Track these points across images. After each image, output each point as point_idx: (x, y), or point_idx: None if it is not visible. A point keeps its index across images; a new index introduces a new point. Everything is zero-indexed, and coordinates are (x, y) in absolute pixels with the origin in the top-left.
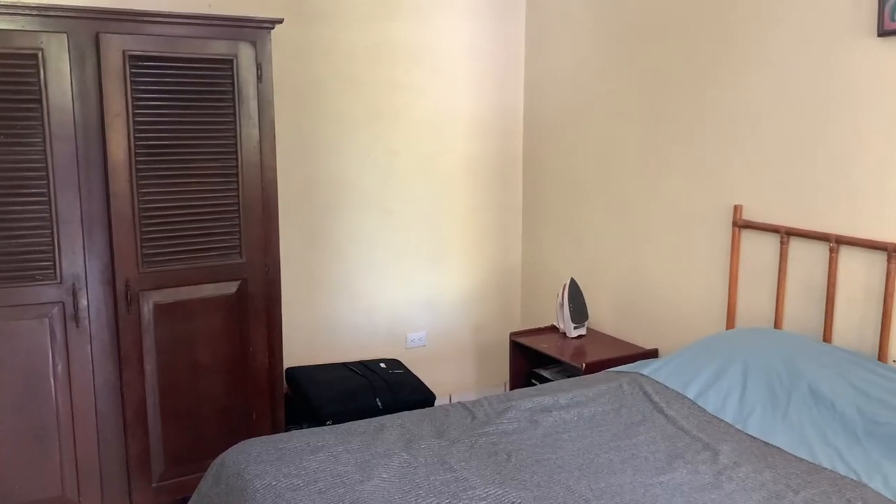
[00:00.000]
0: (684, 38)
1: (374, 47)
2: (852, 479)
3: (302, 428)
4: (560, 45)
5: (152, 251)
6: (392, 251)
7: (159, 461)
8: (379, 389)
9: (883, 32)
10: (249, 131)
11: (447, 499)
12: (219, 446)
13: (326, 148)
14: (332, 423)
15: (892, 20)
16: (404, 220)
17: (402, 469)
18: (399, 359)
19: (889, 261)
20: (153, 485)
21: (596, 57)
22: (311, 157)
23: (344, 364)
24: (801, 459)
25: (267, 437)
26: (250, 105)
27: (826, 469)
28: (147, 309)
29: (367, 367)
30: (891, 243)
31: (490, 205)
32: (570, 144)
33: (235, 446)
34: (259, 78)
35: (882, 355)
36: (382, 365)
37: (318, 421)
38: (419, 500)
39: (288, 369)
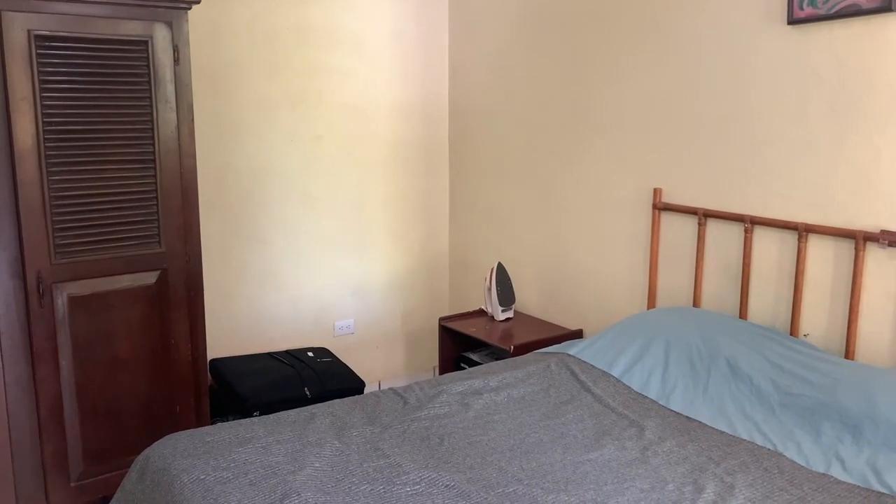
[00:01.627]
0: (604, 25)
1: (295, 30)
2: (769, 449)
3: (228, 420)
4: (483, 31)
5: (65, 241)
6: (317, 238)
7: (78, 460)
8: (307, 378)
9: (792, 20)
10: (167, 116)
11: (381, 485)
12: (142, 442)
13: (248, 133)
14: (260, 415)
15: (801, 9)
16: (329, 207)
17: (335, 457)
18: (327, 347)
19: (800, 240)
20: (72, 484)
21: (518, 43)
22: (231, 143)
23: (270, 354)
24: (722, 432)
25: (193, 430)
26: (167, 88)
27: (745, 440)
28: (61, 302)
29: (295, 356)
30: (801, 223)
31: (416, 190)
32: (495, 130)
33: (160, 441)
34: (176, 60)
35: (794, 330)
36: (310, 354)
37: (245, 412)
38: (352, 488)
39: (212, 361)
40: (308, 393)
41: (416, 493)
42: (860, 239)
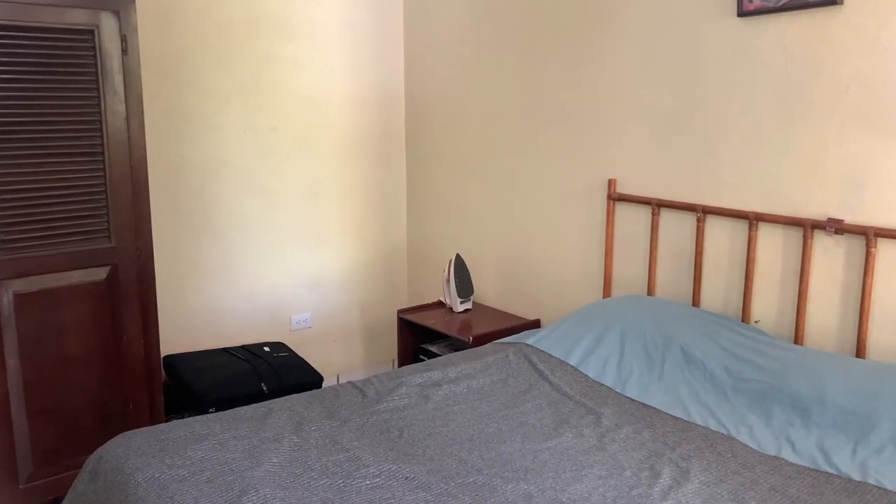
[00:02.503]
0: (559, 16)
1: (247, 19)
2: (722, 434)
3: (183, 417)
4: (439, 20)
5: (9, 237)
6: (272, 231)
7: (27, 461)
8: (264, 373)
9: (742, 13)
10: (115, 107)
11: (340, 479)
12: (94, 441)
13: (199, 125)
14: (216, 411)
15: (751, 1)
16: (284, 199)
17: (293, 452)
18: (284, 341)
19: (750, 228)
20: (21, 486)
21: (474, 33)
22: (183, 135)
23: (225, 349)
24: (677, 418)
25: (147, 428)
26: (115, 79)
27: (699, 426)
28: (6, 300)
29: (251, 351)
30: (752, 212)
31: (373, 182)
32: (453, 121)
33: (113, 440)
34: (124, 50)
35: (745, 317)
36: (266, 348)
37: (201, 409)
38: (311, 482)
39: (166, 357)
40: (265, 388)
41: (376, 485)
42: (808, 227)
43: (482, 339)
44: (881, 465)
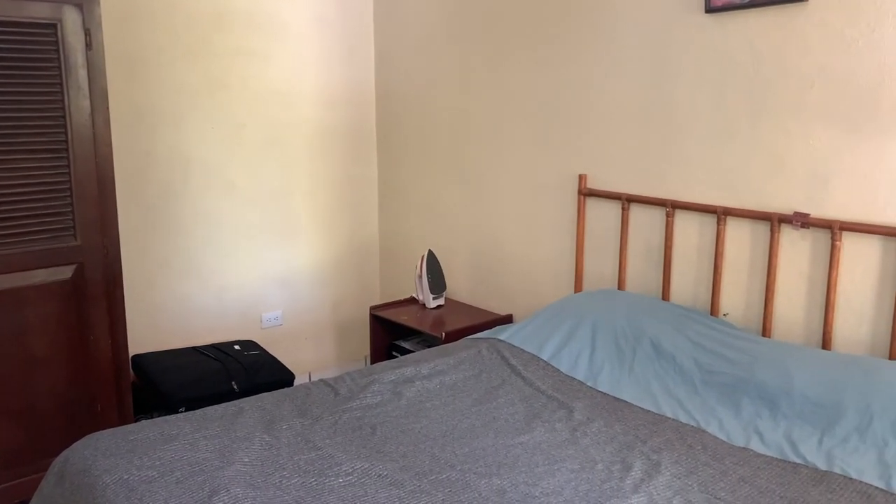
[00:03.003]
0: (529, 13)
1: (214, 14)
2: (692, 426)
3: (152, 417)
4: (409, 16)
5: None
6: (242, 228)
7: None
8: (234, 372)
9: (710, 9)
10: (80, 103)
11: (313, 477)
12: (61, 443)
13: (167, 121)
14: (186, 410)
15: None
16: (254, 196)
17: (265, 451)
18: (254, 340)
19: (719, 223)
20: None
21: (444, 29)
22: (150, 131)
23: (195, 348)
24: (647, 411)
25: (115, 429)
26: (79, 74)
27: (669, 418)
28: None
29: (221, 349)
30: (720, 206)
31: (344, 178)
32: (424, 116)
33: (80, 441)
34: (88, 45)
35: (714, 310)
36: (237, 347)
37: (170, 409)
38: (283, 482)
39: (134, 357)
40: (236, 387)
41: (349, 483)
42: (775, 221)
43: (455, 335)
44: (846, 454)
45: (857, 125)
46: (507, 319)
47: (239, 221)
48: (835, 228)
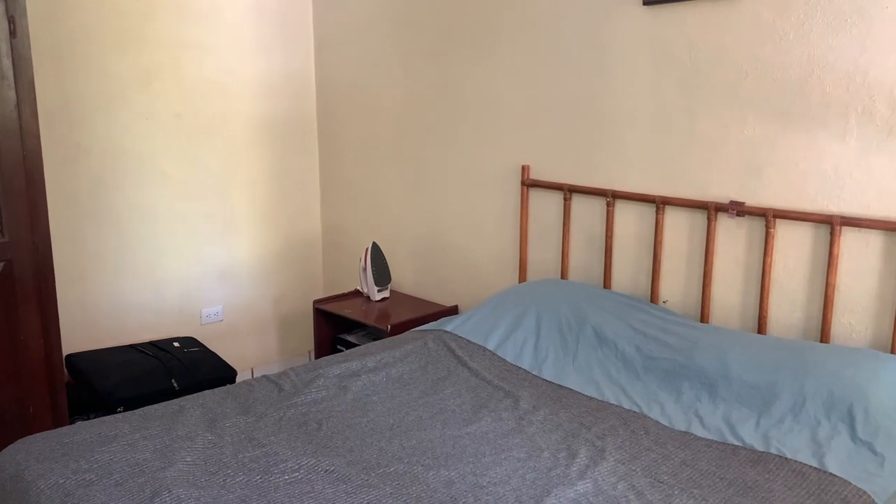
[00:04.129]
0: (471, 4)
1: (148, 1)
2: (635, 412)
3: (89, 419)
4: (348, 4)
5: None
6: (179, 222)
7: None
8: (174, 370)
9: (647, 2)
10: (5, 94)
11: (258, 475)
12: None
13: (97, 112)
14: (124, 410)
15: None
16: (191, 188)
17: (207, 450)
18: (194, 336)
19: (657, 212)
20: None
21: (385, 19)
22: (80, 123)
23: (132, 346)
24: (591, 398)
25: (49, 431)
26: (3, 64)
27: (613, 405)
28: None
29: (159, 347)
30: (658, 196)
31: (285, 170)
32: (366, 107)
33: (11, 446)
34: (12, 33)
35: (654, 297)
36: (176, 344)
37: (108, 409)
38: (227, 480)
39: (68, 356)
40: (176, 385)
41: (295, 480)
42: (711, 209)
43: (400, 328)
44: (782, 434)
45: (788, 115)
46: (453, 311)
47: (176, 215)
48: (768, 216)
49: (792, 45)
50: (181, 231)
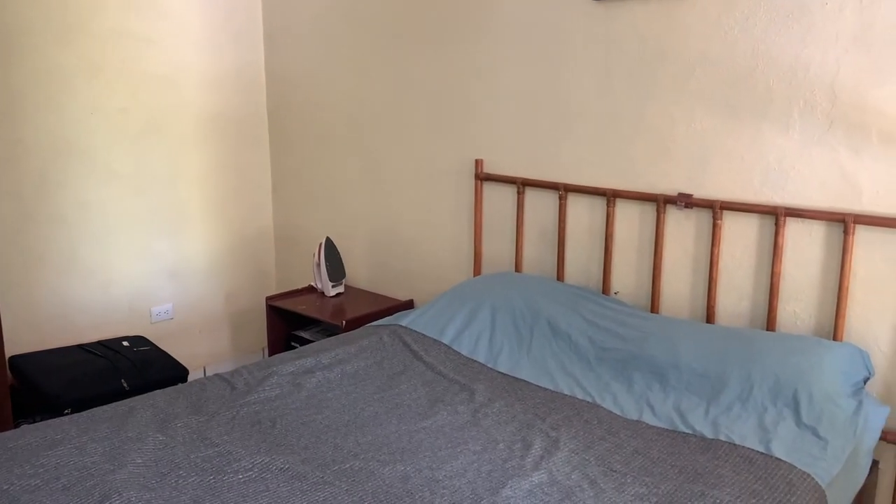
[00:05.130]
0: None
1: None
2: (588, 402)
3: (35, 422)
4: None
5: None
6: (126, 219)
7: None
8: (123, 370)
9: None
10: None
11: (210, 475)
12: None
13: (40, 106)
14: (72, 412)
15: None
16: (139, 184)
17: (158, 451)
18: (144, 335)
19: (608, 204)
20: None
21: (338, 11)
22: (21, 117)
23: (80, 346)
24: (546, 389)
25: None
26: None
27: (567, 395)
28: None
29: (108, 346)
30: (609, 189)
31: (236, 164)
32: (318, 100)
33: None
34: None
35: (606, 288)
36: (125, 343)
37: (55, 411)
38: (179, 481)
39: (12, 357)
40: (126, 385)
41: (249, 479)
42: (661, 202)
43: (355, 323)
44: (730, 422)
45: (734, 109)
46: (408, 305)
47: (123, 211)
48: (716, 208)
49: (737, 40)
50: (129, 228)
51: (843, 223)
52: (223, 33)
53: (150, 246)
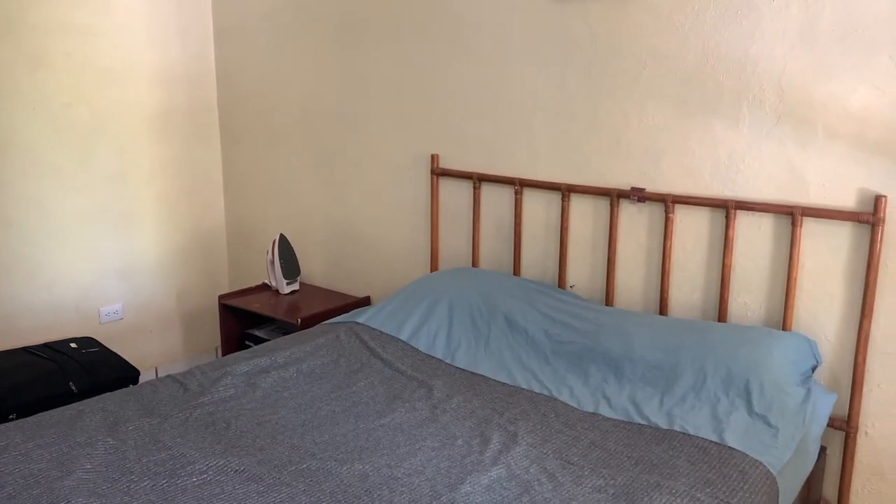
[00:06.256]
0: None
1: None
2: (545, 395)
3: None
4: None
5: None
6: (72, 217)
7: None
8: (72, 372)
9: None
10: None
11: (164, 479)
12: None
13: None
14: (17, 418)
15: None
16: (84, 181)
17: (109, 456)
18: (93, 336)
19: (563, 199)
20: None
21: (287, 5)
22: None
23: (25, 349)
24: (503, 384)
25: None
26: None
27: (524, 389)
28: None
29: (55, 349)
30: (564, 184)
31: (185, 161)
32: (271, 95)
33: None
34: None
35: (562, 282)
36: (73, 345)
37: (0, 417)
38: (131, 486)
39: None
40: (74, 388)
41: (204, 482)
42: (614, 196)
43: (311, 321)
44: (684, 412)
45: (685, 104)
46: (365, 302)
47: (68, 210)
48: (668, 202)
49: (687, 35)
50: (76, 226)
51: (791, 216)
52: (172, 26)
53: (97, 245)
